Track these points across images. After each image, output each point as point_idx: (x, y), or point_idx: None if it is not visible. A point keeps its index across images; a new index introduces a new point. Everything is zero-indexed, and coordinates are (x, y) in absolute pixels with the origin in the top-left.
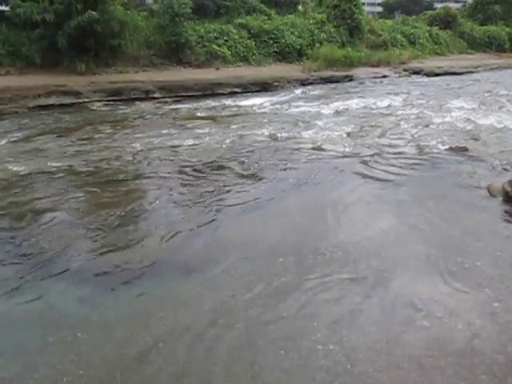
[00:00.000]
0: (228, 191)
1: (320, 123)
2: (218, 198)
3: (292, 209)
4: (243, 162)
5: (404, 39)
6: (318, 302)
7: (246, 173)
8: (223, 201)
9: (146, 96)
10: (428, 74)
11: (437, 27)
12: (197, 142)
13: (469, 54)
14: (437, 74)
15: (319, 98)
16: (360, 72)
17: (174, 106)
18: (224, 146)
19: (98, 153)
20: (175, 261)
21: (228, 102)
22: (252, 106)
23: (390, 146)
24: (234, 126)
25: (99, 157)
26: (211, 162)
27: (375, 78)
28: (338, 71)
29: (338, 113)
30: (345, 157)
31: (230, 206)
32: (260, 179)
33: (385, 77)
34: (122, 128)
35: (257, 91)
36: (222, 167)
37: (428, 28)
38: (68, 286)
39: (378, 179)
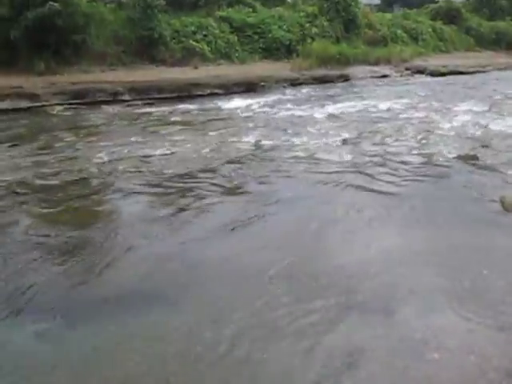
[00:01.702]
0: (207, 208)
1: (313, 129)
2: (195, 216)
3: (281, 227)
4: (224, 175)
5: (405, 35)
6: (313, 333)
7: (227, 186)
8: (201, 219)
9: (114, 98)
10: (432, 74)
11: (440, 22)
12: (171, 152)
13: (476, 52)
14: (442, 74)
15: (311, 101)
16: (357, 71)
17: (145, 110)
18: (202, 155)
19: (57, 164)
20: (145, 288)
21: (208, 104)
22: (235, 110)
23: (391, 154)
24: (215, 133)
25: (59, 169)
26: (188, 175)
27: (374, 77)
28: (332, 70)
29: (332, 117)
30: (341, 167)
31: (210, 224)
32: (244, 194)
33: (385, 76)
34: (85, 135)
35: (241, 92)
36: (199, 180)
37: (431, 23)
38: (23, 321)
39: (379, 192)
